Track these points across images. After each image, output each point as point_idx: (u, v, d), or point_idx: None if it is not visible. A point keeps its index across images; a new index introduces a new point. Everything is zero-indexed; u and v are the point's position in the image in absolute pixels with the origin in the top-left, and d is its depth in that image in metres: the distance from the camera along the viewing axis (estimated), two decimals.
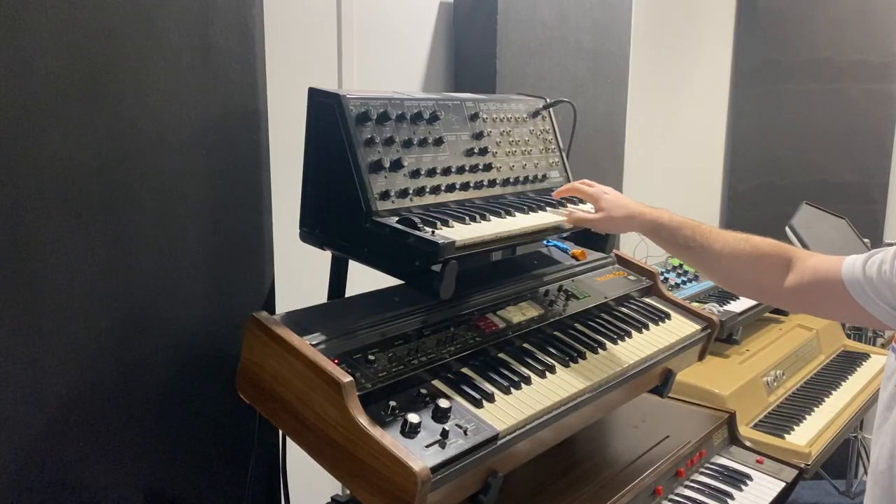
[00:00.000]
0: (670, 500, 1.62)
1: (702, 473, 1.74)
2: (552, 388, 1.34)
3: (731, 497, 1.67)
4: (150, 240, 1.31)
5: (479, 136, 1.57)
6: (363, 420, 1.11)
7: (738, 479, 1.74)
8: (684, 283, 2.63)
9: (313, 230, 1.44)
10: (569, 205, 1.59)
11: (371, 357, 1.24)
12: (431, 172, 1.44)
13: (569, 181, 1.76)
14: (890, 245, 1.23)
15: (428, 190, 1.42)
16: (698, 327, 1.75)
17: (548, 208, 1.55)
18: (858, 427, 3.33)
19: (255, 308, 1.46)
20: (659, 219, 1.47)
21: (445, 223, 1.34)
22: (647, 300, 1.80)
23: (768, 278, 1.39)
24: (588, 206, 1.58)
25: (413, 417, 1.15)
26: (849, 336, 3.07)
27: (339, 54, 2.02)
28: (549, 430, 1.31)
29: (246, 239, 1.47)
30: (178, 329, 1.38)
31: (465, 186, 1.50)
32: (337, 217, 1.38)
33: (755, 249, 1.41)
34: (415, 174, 1.41)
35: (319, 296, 1.51)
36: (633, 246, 2.62)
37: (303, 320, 1.30)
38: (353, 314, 1.34)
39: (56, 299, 1.19)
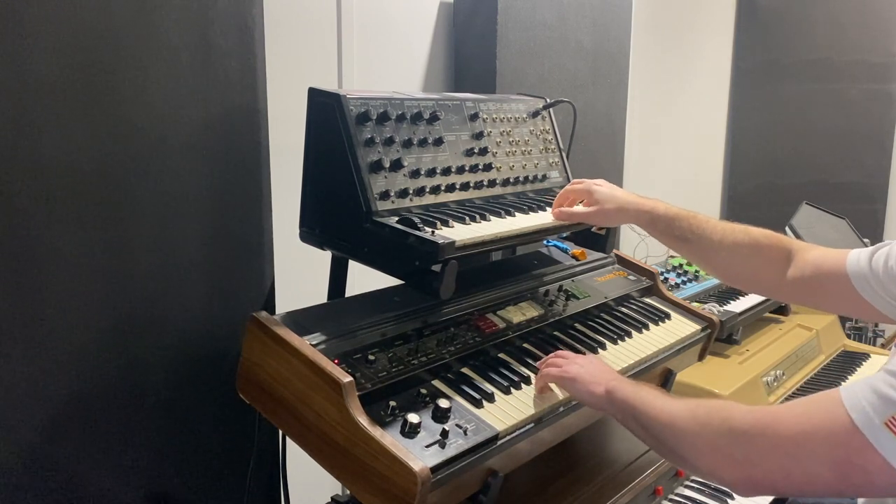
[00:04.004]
0: (670, 500, 1.62)
1: None
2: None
3: (731, 497, 1.67)
4: (150, 240, 1.31)
5: (479, 136, 1.57)
6: (363, 420, 1.11)
7: None
8: (684, 283, 2.63)
9: (313, 230, 1.44)
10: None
11: (371, 357, 1.24)
12: (431, 172, 1.44)
13: (568, 181, 1.76)
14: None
15: (428, 190, 1.42)
16: (698, 327, 1.75)
17: (547, 208, 1.55)
18: None
19: (255, 308, 1.46)
20: (654, 210, 1.45)
21: (445, 223, 1.34)
22: (647, 300, 1.80)
23: (768, 271, 1.38)
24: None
25: (413, 417, 1.15)
26: (849, 336, 3.07)
27: (339, 54, 2.02)
28: (549, 430, 1.31)
29: (246, 239, 1.47)
30: (178, 329, 1.38)
31: (465, 186, 1.50)
32: (337, 217, 1.38)
33: (754, 242, 1.40)
34: (415, 174, 1.41)
35: (319, 296, 1.51)
36: (633, 246, 2.63)
37: (303, 320, 1.30)
38: (353, 314, 1.34)
39: (56, 299, 1.19)
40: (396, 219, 1.32)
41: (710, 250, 1.42)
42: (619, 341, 1.56)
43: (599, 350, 1.51)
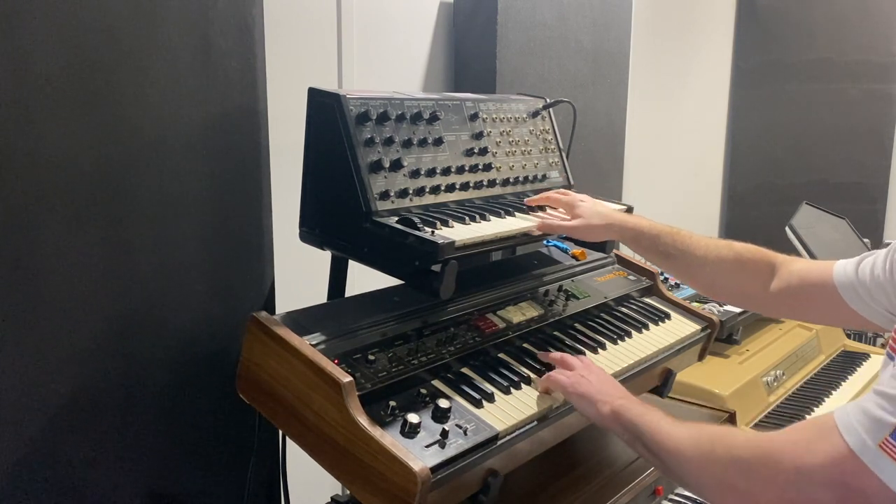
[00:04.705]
0: (670, 500, 1.62)
1: None
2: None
3: None
4: (150, 240, 1.31)
5: (478, 136, 1.57)
6: (363, 420, 1.11)
7: None
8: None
9: (313, 230, 1.44)
10: (544, 213, 1.55)
11: (371, 357, 1.24)
12: (431, 172, 1.44)
13: (568, 181, 1.76)
14: (888, 244, 1.22)
15: (428, 190, 1.42)
16: (698, 327, 1.75)
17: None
18: None
19: (255, 308, 1.46)
20: (638, 226, 1.46)
21: (445, 223, 1.34)
22: (647, 300, 1.80)
23: (752, 285, 1.39)
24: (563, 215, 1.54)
25: (413, 417, 1.15)
26: (849, 336, 3.07)
27: (339, 54, 2.02)
28: (549, 430, 1.31)
29: (246, 239, 1.47)
30: (178, 329, 1.38)
31: (464, 186, 1.50)
32: (337, 217, 1.38)
33: (738, 256, 1.40)
34: (414, 174, 1.41)
35: (319, 296, 1.51)
36: None
37: (303, 320, 1.30)
38: (353, 314, 1.34)
39: (56, 299, 1.19)
40: (396, 219, 1.32)
41: (695, 266, 1.43)
42: (619, 341, 1.56)
43: (599, 350, 1.51)
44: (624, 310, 1.71)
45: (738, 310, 2.48)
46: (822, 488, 0.93)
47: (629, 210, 1.64)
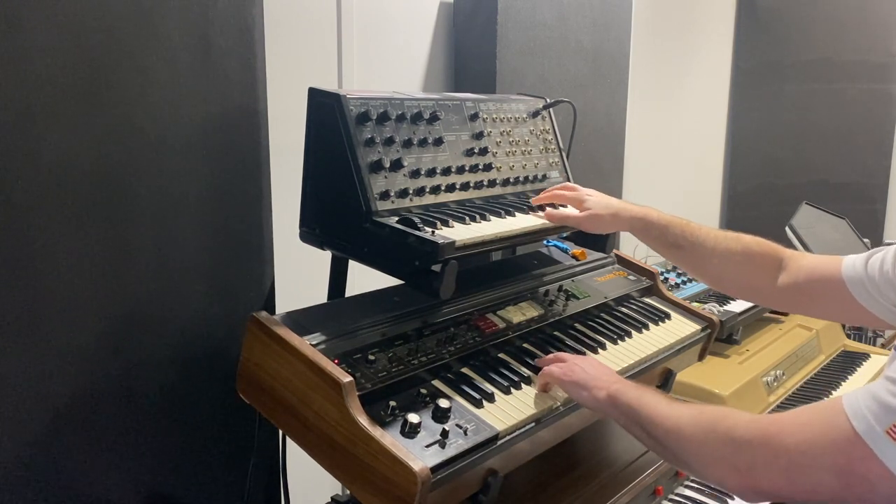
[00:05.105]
0: (670, 500, 1.62)
1: None
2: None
3: (731, 497, 1.67)
4: (150, 240, 1.31)
5: (479, 136, 1.57)
6: (363, 420, 1.11)
7: None
8: (684, 283, 2.63)
9: (313, 230, 1.44)
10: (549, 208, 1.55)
11: (371, 357, 1.24)
12: (431, 172, 1.44)
13: (569, 181, 1.76)
14: (890, 244, 1.23)
15: (428, 190, 1.42)
16: (698, 327, 1.75)
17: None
18: None
19: (255, 308, 1.46)
20: (647, 216, 1.46)
21: (445, 223, 1.34)
22: (647, 300, 1.80)
23: (760, 278, 1.39)
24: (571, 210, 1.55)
25: (413, 417, 1.15)
26: (849, 336, 3.07)
27: (339, 54, 2.02)
28: (549, 430, 1.31)
29: (246, 239, 1.47)
30: (178, 329, 1.38)
31: (465, 186, 1.50)
32: (337, 217, 1.38)
33: (746, 249, 1.41)
34: (415, 174, 1.41)
35: (319, 296, 1.51)
36: (634, 246, 2.62)
37: (303, 320, 1.30)
38: (353, 314, 1.34)
39: (56, 300, 1.19)
40: (396, 219, 1.32)
41: (703, 257, 1.43)
42: (619, 341, 1.56)
43: (599, 350, 1.51)
44: (624, 310, 1.71)
45: (738, 310, 2.48)
46: (826, 472, 0.93)
47: None
